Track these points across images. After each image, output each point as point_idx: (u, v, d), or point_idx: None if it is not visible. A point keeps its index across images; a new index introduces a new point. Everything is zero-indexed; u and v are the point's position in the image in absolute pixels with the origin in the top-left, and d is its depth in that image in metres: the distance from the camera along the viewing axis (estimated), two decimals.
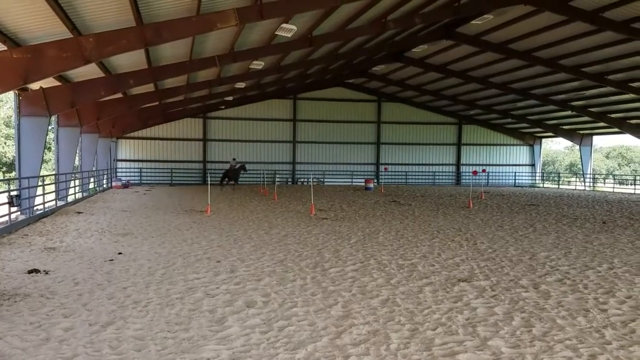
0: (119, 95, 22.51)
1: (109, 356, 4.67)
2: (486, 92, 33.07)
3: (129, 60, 17.23)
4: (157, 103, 27.82)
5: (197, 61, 19.13)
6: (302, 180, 38.94)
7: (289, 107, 38.70)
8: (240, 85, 27.96)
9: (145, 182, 36.38)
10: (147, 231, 12.65)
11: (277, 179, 33.53)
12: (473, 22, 20.90)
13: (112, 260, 8.99)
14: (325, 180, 39.33)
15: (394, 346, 4.88)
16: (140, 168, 36.63)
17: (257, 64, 22.69)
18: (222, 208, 18.68)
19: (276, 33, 17.50)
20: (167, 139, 37.02)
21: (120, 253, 9.65)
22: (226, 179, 32.36)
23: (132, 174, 36.34)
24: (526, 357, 4.64)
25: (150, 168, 36.83)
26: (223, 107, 36.05)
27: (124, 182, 32.62)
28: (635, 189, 35.61)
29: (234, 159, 33.68)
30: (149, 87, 23.05)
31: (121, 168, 36.25)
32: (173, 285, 7.18)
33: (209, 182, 20.74)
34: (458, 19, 21.47)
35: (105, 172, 30.77)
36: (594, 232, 13.24)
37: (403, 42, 24.90)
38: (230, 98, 32.60)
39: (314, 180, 37.78)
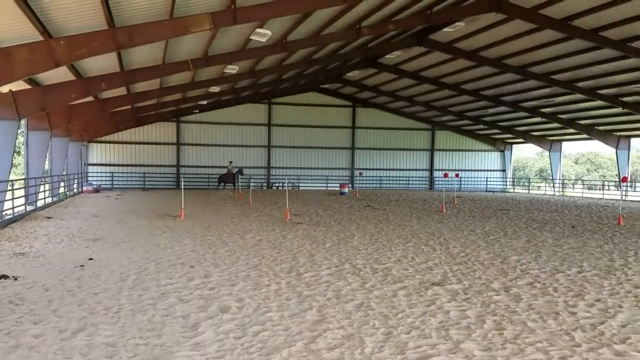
0: (90, 98, 22.17)
1: None
2: (458, 99, 33.54)
3: (100, 64, 17.01)
4: (129, 107, 27.48)
5: (170, 65, 19.00)
6: (277, 185, 38.89)
7: (264, 111, 38.63)
8: (215, 89, 27.83)
9: (117, 186, 35.86)
10: (118, 236, 12.47)
11: (252, 184, 33.40)
12: (445, 29, 21.20)
13: (82, 266, 8.83)
14: (301, 185, 39.34)
15: (368, 350, 4.91)
16: (112, 172, 36.10)
17: (232, 68, 22.62)
18: (196, 213, 18.53)
19: (251, 37, 17.49)
20: (139, 143, 36.58)
21: (91, 259, 9.49)
22: (222, 183, 32.76)
23: (104, 178, 35.80)
24: (498, 359, 4.71)
25: (122, 172, 36.33)
26: (197, 111, 35.84)
27: (95, 186, 32.10)
28: (603, 193, 36.46)
29: (230, 163, 33.86)
30: (121, 91, 22.76)
31: (92, 172, 35.67)
32: (145, 291, 7.09)
33: (182, 187, 20.54)
34: (431, 26, 21.76)
35: (76, 177, 30.23)
36: (563, 236, 13.50)
37: (377, 48, 25.12)
38: (204, 102, 32.41)
39: (289, 185, 37.74)
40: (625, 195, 33.34)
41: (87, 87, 18.03)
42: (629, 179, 32.38)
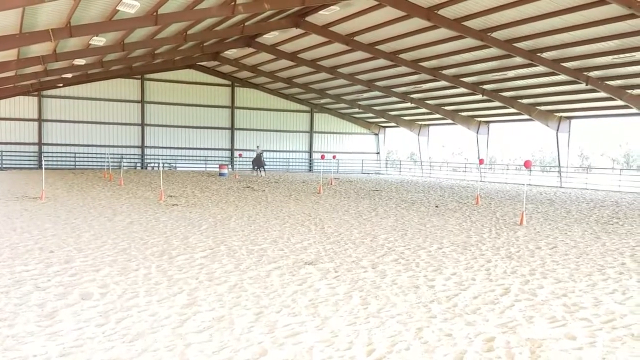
0: None
1: None
2: (335, 82, 34.30)
3: None
4: None
5: (28, 34, 17.39)
6: (152, 165, 37.36)
7: (137, 87, 36.79)
8: (80, 62, 25.97)
9: None
10: None
11: (123, 164, 31.74)
12: (321, 12, 21.51)
13: None
14: (178, 165, 38.14)
15: (237, 331, 4.90)
16: None
17: (98, 40, 21.25)
18: (59, 194, 17.28)
19: (118, 8, 16.50)
20: None
21: None
22: (256, 167, 31.31)
23: None
24: (361, 332, 4.92)
25: None
26: (61, 85, 33.20)
27: None
28: (465, 175, 39.43)
29: (257, 147, 32.32)
30: None
31: None
32: None
33: (43, 166, 19.03)
34: (307, 8, 21.92)
35: None
36: (427, 215, 14.41)
37: (254, 28, 24.83)
38: (69, 75, 30.13)
39: (165, 165, 36.46)
40: (483, 177, 36.32)
41: None
42: (486, 162, 35.26)
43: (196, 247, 8.98)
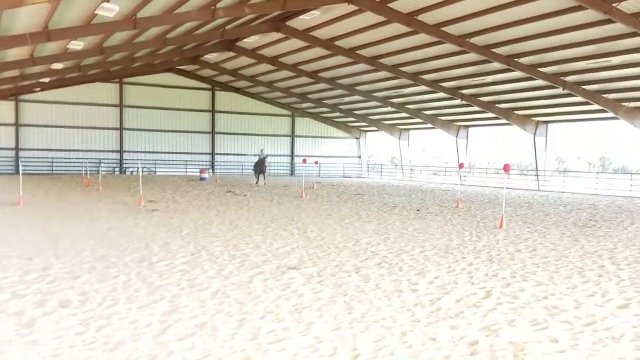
0: None
1: None
2: (316, 86, 34.31)
3: None
4: None
5: (4, 38, 17.13)
6: (131, 169, 36.94)
7: (115, 91, 36.35)
8: (58, 66, 25.61)
9: None
10: None
11: (102, 169, 31.32)
12: (302, 16, 21.53)
13: None
14: (158, 170, 37.75)
15: (220, 338, 4.85)
16: None
17: (76, 44, 20.98)
18: (37, 200, 16.99)
19: (96, 12, 16.32)
20: None
21: None
22: (258, 172, 29.69)
23: None
24: (345, 337, 4.91)
25: None
26: (38, 89, 32.69)
27: None
28: (445, 179, 39.71)
29: (261, 150, 30.95)
30: None
31: None
32: None
33: (21, 172, 18.71)
34: (288, 12, 21.92)
35: None
36: (409, 219, 14.46)
37: (234, 31, 24.75)
38: (47, 80, 29.68)
39: (145, 170, 36.08)
40: (463, 180, 36.61)
41: None
42: (466, 166, 35.53)
43: (177, 253, 8.89)
